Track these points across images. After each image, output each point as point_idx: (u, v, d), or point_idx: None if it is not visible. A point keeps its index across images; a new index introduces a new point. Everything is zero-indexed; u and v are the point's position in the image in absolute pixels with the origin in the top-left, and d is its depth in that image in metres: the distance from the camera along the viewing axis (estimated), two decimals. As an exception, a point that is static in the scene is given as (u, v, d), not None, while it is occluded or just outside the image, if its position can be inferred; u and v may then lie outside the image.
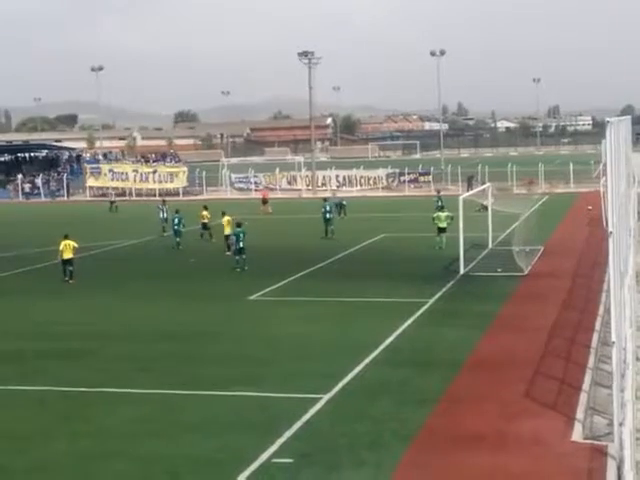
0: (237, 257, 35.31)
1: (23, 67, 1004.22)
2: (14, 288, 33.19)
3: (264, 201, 63.13)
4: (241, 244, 35.11)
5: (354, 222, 53.27)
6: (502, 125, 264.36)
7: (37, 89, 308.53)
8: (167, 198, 73.20)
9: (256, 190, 78.93)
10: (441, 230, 39.12)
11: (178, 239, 43.14)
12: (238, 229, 35.91)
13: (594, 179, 72.75)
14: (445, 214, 39.53)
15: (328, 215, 46.18)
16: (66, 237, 34.59)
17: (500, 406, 17.21)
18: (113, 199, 72.36)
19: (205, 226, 45.48)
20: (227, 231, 40.61)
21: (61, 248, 34.09)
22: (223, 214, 42.10)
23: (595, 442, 15.03)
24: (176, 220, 43.80)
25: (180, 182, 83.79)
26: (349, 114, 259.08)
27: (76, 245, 34.35)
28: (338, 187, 79.48)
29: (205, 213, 45.59)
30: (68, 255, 34.00)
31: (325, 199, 49.56)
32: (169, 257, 40.62)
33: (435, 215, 40.14)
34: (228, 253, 38.89)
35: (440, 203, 52.83)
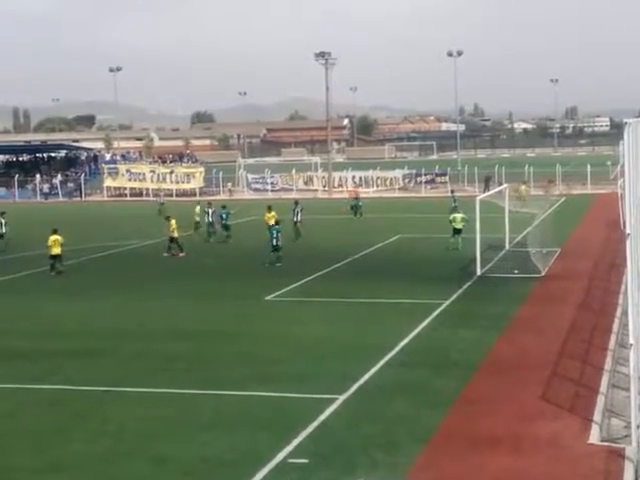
0: (272, 253, 36.19)
1: (42, 67, 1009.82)
2: (31, 287, 33.30)
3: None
4: (275, 241, 36.14)
5: (370, 223, 53.24)
6: (519, 126, 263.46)
7: (55, 89, 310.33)
8: (184, 198, 73.53)
9: (348, 190, 75.50)
10: (456, 231, 39.12)
11: (227, 233, 45.06)
12: (276, 226, 37.00)
13: (611, 181, 72.47)
14: (461, 216, 39.50)
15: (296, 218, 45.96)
16: (54, 232, 35.35)
17: (516, 408, 17.14)
18: (162, 201, 66.28)
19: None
20: (174, 234, 40.53)
21: (49, 244, 34.92)
22: (167, 218, 41.40)
23: (612, 444, 14.93)
24: (224, 215, 45.53)
25: (197, 182, 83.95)
26: (366, 115, 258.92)
27: (61, 240, 35.09)
28: (354, 188, 79.35)
29: (269, 215, 43.72)
30: (56, 251, 34.82)
31: (296, 202, 47.62)
32: (187, 256, 40.63)
33: (452, 217, 40.12)
34: (165, 254, 40.23)
35: (455, 203, 52.91)
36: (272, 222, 42.84)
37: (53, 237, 35.11)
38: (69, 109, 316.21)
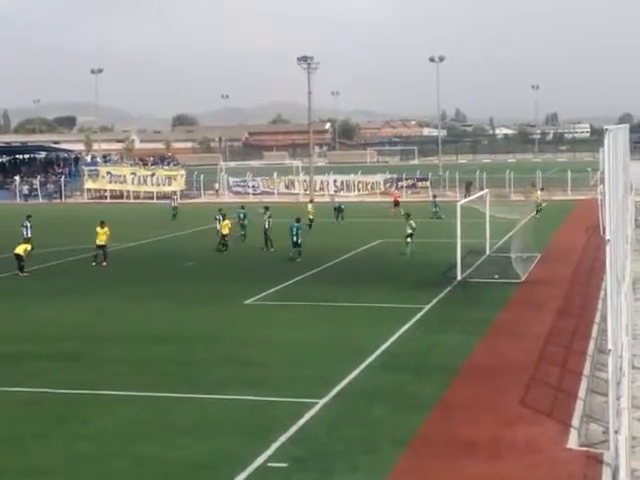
0: (293, 249, 38.51)
1: (23, 68, 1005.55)
2: (11, 290, 33.14)
3: (396, 203, 61.65)
4: (294, 238, 38.39)
5: (351, 227, 53.29)
6: (500, 132, 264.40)
7: (36, 90, 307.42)
8: (165, 201, 73.16)
9: (385, 193, 75.87)
10: (410, 235, 39.66)
11: (243, 232, 46.49)
12: (296, 224, 38.89)
13: (592, 187, 72.86)
14: (411, 223, 40.02)
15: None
16: (27, 241, 37.61)
17: (495, 413, 17.21)
18: (176, 204, 63.23)
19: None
20: (103, 241, 38.62)
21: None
22: (102, 224, 39.06)
23: (591, 449, 15.03)
24: (241, 215, 47.37)
25: (178, 185, 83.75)
26: (347, 119, 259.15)
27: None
28: (336, 192, 79.55)
29: (224, 223, 43.85)
30: (19, 251, 36.06)
31: (266, 207, 45.42)
32: (167, 260, 40.53)
33: (415, 224, 40.14)
34: (104, 264, 37.96)
35: (436, 208, 53.25)
36: (225, 231, 43.13)
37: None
38: (50, 110, 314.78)
